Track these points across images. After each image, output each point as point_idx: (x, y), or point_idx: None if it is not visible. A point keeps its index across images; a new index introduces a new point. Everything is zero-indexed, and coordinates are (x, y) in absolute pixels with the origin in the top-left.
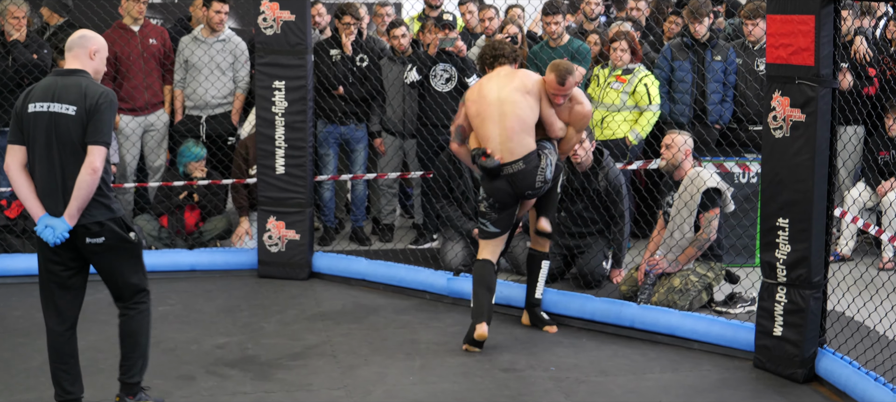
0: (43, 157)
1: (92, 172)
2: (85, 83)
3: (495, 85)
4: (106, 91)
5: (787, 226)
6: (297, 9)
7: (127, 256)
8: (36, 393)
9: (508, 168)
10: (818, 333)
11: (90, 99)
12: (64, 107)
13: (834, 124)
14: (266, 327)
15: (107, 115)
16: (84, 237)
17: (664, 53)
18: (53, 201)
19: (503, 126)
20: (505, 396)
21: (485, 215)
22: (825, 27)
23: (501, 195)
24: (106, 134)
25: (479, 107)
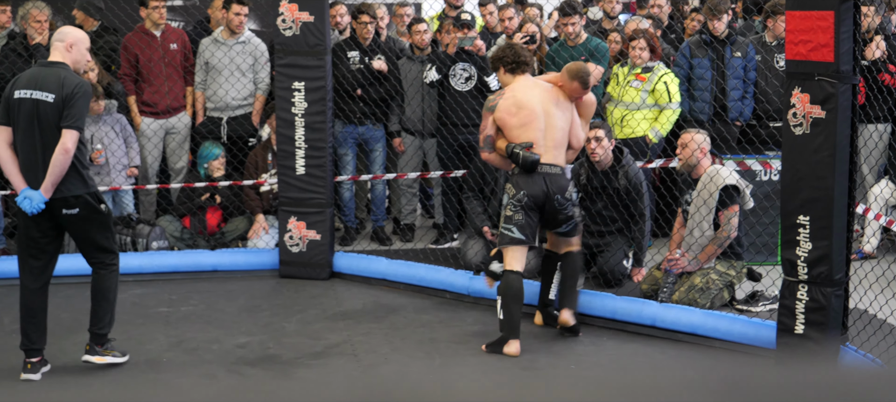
0: (25, 137)
1: (64, 153)
2: (63, 74)
3: (536, 96)
4: (81, 82)
5: (807, 223)
6: (316, 10)
7: (98, 225)
8: (58, 393)
9: (547, 167)
10: (840, 331)
11: (66, 88)
12: (44, 94)
13: (854, 121)
14: (287, 327)
15: (80, 103)
16: (61, 208)
17: (683, 51)
18: (33, 176)
19: (549, 136)
20: (525, 394)
21: (511, 220)
22: (845, 23)
23: (535, 192)
24: (79, 119)
25: (520, 117)
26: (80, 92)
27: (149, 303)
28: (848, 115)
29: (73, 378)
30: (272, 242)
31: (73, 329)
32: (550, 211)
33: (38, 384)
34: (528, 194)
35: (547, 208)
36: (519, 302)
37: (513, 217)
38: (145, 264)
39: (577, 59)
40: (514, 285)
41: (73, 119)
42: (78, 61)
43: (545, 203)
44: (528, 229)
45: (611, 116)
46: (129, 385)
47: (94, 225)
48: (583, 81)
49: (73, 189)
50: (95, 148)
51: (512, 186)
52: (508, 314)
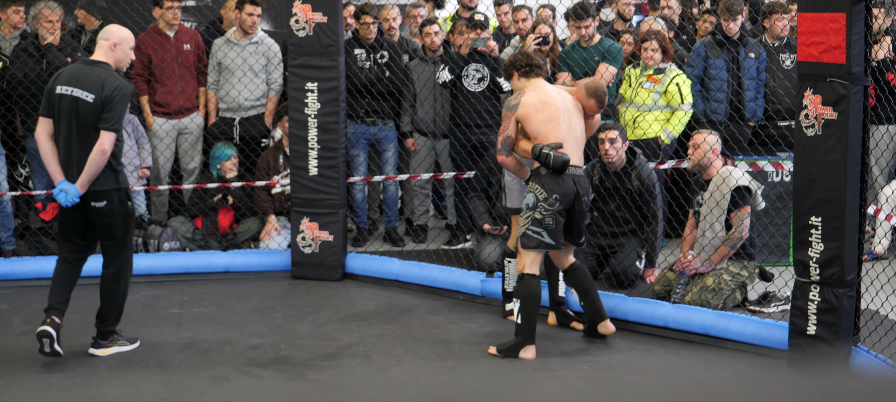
0: (65, 132)
1: (101, 154)
2: (105, 74)
3: (557, 96)
4: (121, 85)
5: (819, 224)
6: (328, 11)
7: (121, 222)
8: (69, 394)
9: (574, 168)
10: (852, 331)
11: (106, 90)
12: (84, 93)
13: (866, 122)
14: (299, 328)
15: (119, 106)
16: (90, 201)
17: (697, 51)
18: (69, 169)
19: (573, 135)
20: (538, 395)
21: (541, 223)
22: (856, 25)
23: (567, 192)
24: (116, 122)
25: (547, 112)
26: (119, 95)
27: (160, 304)
28: (859, 116)
29: (85, 379)
30: (284, 243)
31: (85, 331)
32: (579, 211)
33: (50, 383)
34: (560, 197)
35: (576, 208)
36: (538, 304)
37: (544, 221)
38: (157, 266)
39: (591, 61)
40: (534, 289)
41: (111, 122)
42: (121, 60)
43: (574, 204)
44: (558, 234)
45: (623, 117)
46: (140, 386)
47: (117, 221)
48: (600, 100)
49: (104, 184)
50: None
51: (541, 188)
52: (527, 319)
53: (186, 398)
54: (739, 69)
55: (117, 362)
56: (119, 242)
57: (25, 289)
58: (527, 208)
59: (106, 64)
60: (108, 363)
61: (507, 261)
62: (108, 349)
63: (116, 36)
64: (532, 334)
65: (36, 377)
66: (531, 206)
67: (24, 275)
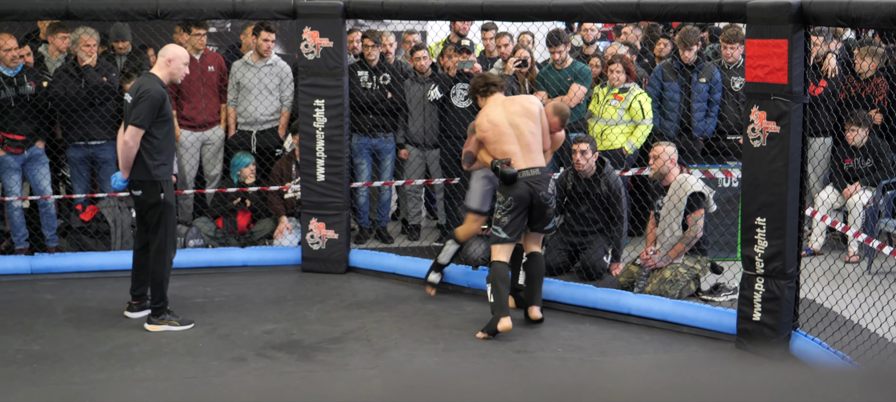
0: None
1: (123, 144)
2: (144, 81)
3: (501, 112)
4: (150, 88)
5: (764, 224)
6: (334, 36)
7: (153, 209)
8: (107, 373)
9: (527, 173)
10: (792, 318)
11: (137, 92)
12: (128, 96)
13: (805, 135)
14: (308, 315)
15: (142, 104)
16: (130, 189)
17: (656, 74)
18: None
19: (522, 142)
20: (518, 374)
21: (498, 223)
22: (796, 50)
23: (521, 198)
24: (138, 118)
25: (495, 132)
26: (145, 96)
27: (187, 294)
28: (799, 130)
29: (121, 361)
30: (295, 240)
31: (118, 317)
32: (538, 207)
33: (90, 364)
34: (514, 200)
35: (534, 204)
36: (506, 284)
37: (501, 220)
38: (183, 260)
39: (565, 81)
40: (501, 271)
41: (135, 117)
42: (174, 74)
43: (532, 201)
44: (512, 229)
45: (592, 131)
46: (169, 367)
47: (149, 208)
48: (562, 119)
49: (139, 175)
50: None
51: (500, 193)
52: (498, 295)
53: (210, 377)
54: (689, 93)
55: (149, 345)
56: (154, 227)
57: (67, 281)
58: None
59: (154, 74)
60: (141, 347)
61: (449, 243)
62: (158, 326)
63: (171, 53)
64: (505, 308)
65: (76, 359)
66: (496, 208)
67: (66, 269)
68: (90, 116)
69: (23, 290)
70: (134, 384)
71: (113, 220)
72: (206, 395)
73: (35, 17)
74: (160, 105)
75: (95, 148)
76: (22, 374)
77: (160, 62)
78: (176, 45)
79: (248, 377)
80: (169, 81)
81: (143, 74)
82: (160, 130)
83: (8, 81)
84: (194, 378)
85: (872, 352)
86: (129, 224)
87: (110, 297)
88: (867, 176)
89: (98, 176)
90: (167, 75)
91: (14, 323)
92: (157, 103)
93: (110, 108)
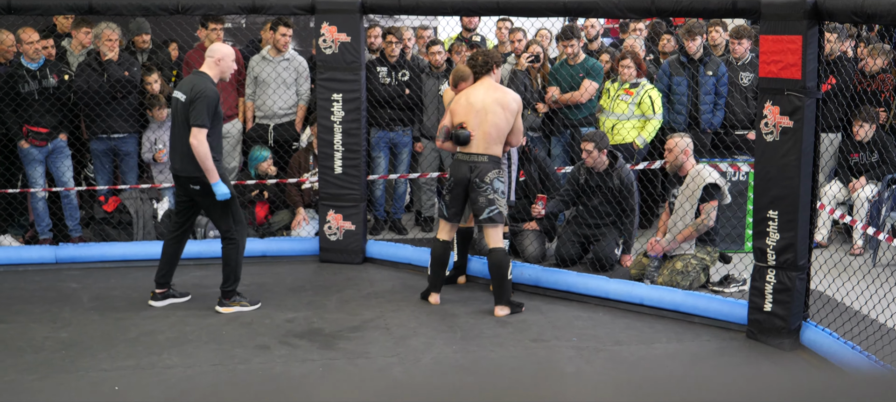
0: (172, 128)
1: (192, 146)
2: (196, 80)
3: (481, 95)
4: (205, 88)
5: (776, 217)
6: (352, 31)
7: (215, 204)
8: (134, 360)
9: (474, 156)
10: (802, 309)
11: (193, 93)
12: (180, 94)
13: (818, 130)
14: (328, 304)
15: (199, 105)
16: (189, 184)
17: (664, 69)
18: (173, 159)
19: (483, 130)
20: (534, 362)
21: (443, 198)
22: (811, 46)
23: (459, 176)
24: (198, 118)
25: (466, 112)
26: (200, 96)
27: (208, 284)
28: (812, 124)
29: (147, 348)
30: (313, 231)
31: (143, 306)
32: (472, 192)
33: (117, 352)
34: (454, 179)
35: (470, 188)
36: (440, 265)
37: (444, 197)
38: (204, 250)
39: (577, 77)
40: (441, 252)
41: (195, 119)
42: (224, 72)
43: (467, 185)
44: (452, 209)
45: (603, 125)
46: (194, 354)
47: (211, 202)
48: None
49: (197, 172)
50: (158, 148)
51: (449, 171)
52: (434, 276)
53: (235, 364)
54: (698, 86)
55: (175, 333)
56: (219, 216)
57: (91, 270)
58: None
59: (204, 73)
60: (167, 335)
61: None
62: (230, 308)
63: (220, 53)
64: (436, 286)
65: (104, 346)
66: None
67: (90, 258)
68: (112, 110)
69: (48, 279)
70: (162, 370)
71: (135, 211)
72: (234, 381)
73: (58, 12)
74: (215, 104)
75: (117, 141)
76: (52, 360)
77: (209, 62)
78: (224, 45)
79: (273, 365)
80: (218, 79)
81: (194, 73)
82: (214, 127)
83: (31, 74)
84: (220, 365)
85: (882, 343)
86: (151, 215)
87: (134, 286)
88: (873, 170)
89: (120, 168)
90: (217, 74)
91: (41, 311)
92: (213, 102)
93: (132, 101)
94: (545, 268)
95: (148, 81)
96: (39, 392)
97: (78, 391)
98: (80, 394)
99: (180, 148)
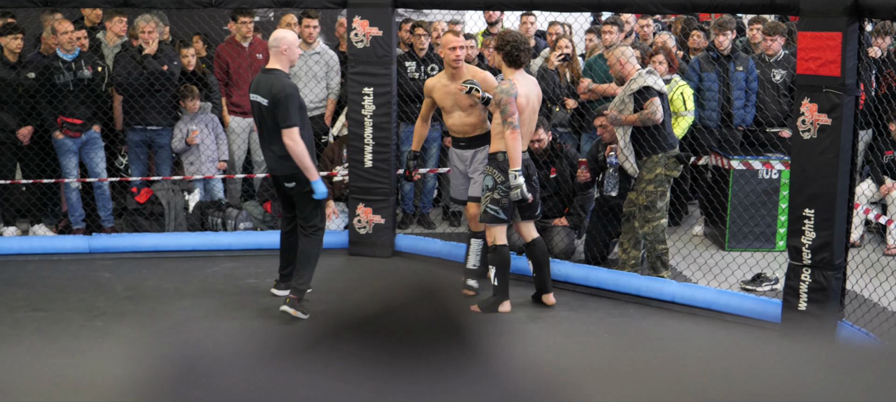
0: (260, 130)
1: (288, 147)
2: (272, 80)
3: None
4: (284, 86)
5: (812, 215)
6: (383, 25)
7: (309, 198)
8: (169, 348)
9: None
10: (838, 308)
11: (273, 95)
12: (261, 98)
13: (856, 128)
14: (357, 298)
15: (284, 103)
16: (284, 182)
17: (693, 65)
18: (267, 158)
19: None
20: (567, 357)
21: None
22: (850, 43)
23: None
24: (288, 118)
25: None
26: (282, 95)
27: (239, 275)
28: (851, 122)
29: (177, 337)
30: (342, 224)
31: (175, 296)
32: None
33: (148, 337)
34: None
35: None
36: (509, 269)
37: (501, 201)
38: (235, 242)
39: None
40: (505, 256)
41: (284, 120)
42: (292, 59)
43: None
44: (510, 211)
45: None
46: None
47: (303, 197)
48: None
49: (290, 169)
50: (191, 129)
51: (498, 172)
52: (502, 280)
53: (267, 356)
54: (729, 82)
55: (208, 323)
56: (309, 213)
57: (124, 260)
58: (486, 188)
59: (276, 70)
60: (200, 325)
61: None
62: (297, 312)
63: (284, 42)
64: (506, 291)
65: (140, 334)
66: (490, 187)
67: (123, 248)
68: (147, 102)
69: (82, 268)
70: None
71: (167, 202)
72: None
73: (96, 5)
74: (298, 98)
75: (152, 133)
76: (89, 349)
77: (276, 54)
78: (285, 30)
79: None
80: (289, 67)
81: (265, 72)
82: (303, 121)
83: (66, 65)
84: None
85: None
86: (183, 207)
87: (166, 276)
88: None
89: (155, 160)
90: (287, 64)
91: (76, 300)
92: (296, 98)
93: (166, 94)
94: (575, 264)
95: (184, 54)
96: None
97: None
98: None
99: (273, 148)
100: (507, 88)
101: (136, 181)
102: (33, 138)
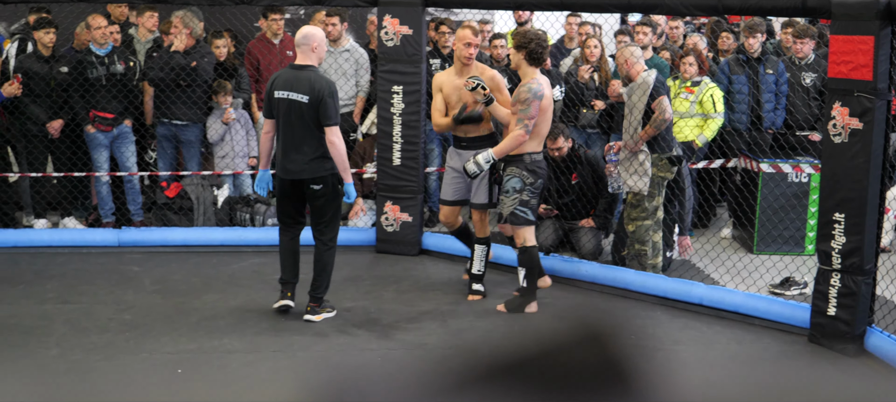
0: (282, 130)
1: (331, 145)
2: (312, 77)
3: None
4: (325, 84)
5: (842, 220)
6: (414, 24)
7: (334, 203)
8: (196, 344)
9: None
10: (867, 314)
11: (316, 92)
12: (299, 96)
13: (887, 132)
14: (385, 295)
15: (328, 101)
16: (309, 184)
17: (722, 68)
18: (289, 159)
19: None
20: (593, 358)
21: (527, 204)
22: (883, 47)
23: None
24: (331, 117)
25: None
26: (325, 92)
27: (266, 271)
28: (882, 127)
29: (208, 332)
30: (370, 222)
31: (203, 291)
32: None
33: (180, 335)
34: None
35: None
36: (538, 269)
37: (529, 202)
38: (262, 238)
39: None
40: (535, 257)
41: (328, 118)
42: (322, 56)
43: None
44: (536, 212)
45: None
46: (255, 340)
47: (329, 201)
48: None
49: (321, 170)
50: (225, 108)
51: (527, 173)
52: (531, 281)
53: (295, 351)
54: (758, 84)
55: (234, 319)
56: (329, 219)
57: (153, 254)
58: (513, 191)
59: (311, 66)
60: (227, 320)
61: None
62: (320, 315)
63: (314, 39)
64: (534, 293)
65: (166, 330)
66: (518, 189)
67: (152, 243)
68: (177, 97)
69: (111, 261)
70: (224, 355)
71: (196, 197)
72: (292, 367)
73: (127, 0)
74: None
75: (179, 128)
76: (117, 341)
77: (306, 51)
78: (313, 27)
79: (331, 353)
80: (318, 64)
81: (300, 69)
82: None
83: (99, 60)
84: (279, 352)
85: None
86: (212, 202)
87: (194, 271)
88: None
89: (183, 155)
90: (317, 61)
91: (105, 293)
92: (337, 96)
93: (196, 90)
94: (602, 265)
95: (216, 44)
96: (107, 373)
97: (143, 373)
98: (145, 375)
99: (304, 150)
100: (536, 88)
101: (165, 176)
102: (65, 132)
